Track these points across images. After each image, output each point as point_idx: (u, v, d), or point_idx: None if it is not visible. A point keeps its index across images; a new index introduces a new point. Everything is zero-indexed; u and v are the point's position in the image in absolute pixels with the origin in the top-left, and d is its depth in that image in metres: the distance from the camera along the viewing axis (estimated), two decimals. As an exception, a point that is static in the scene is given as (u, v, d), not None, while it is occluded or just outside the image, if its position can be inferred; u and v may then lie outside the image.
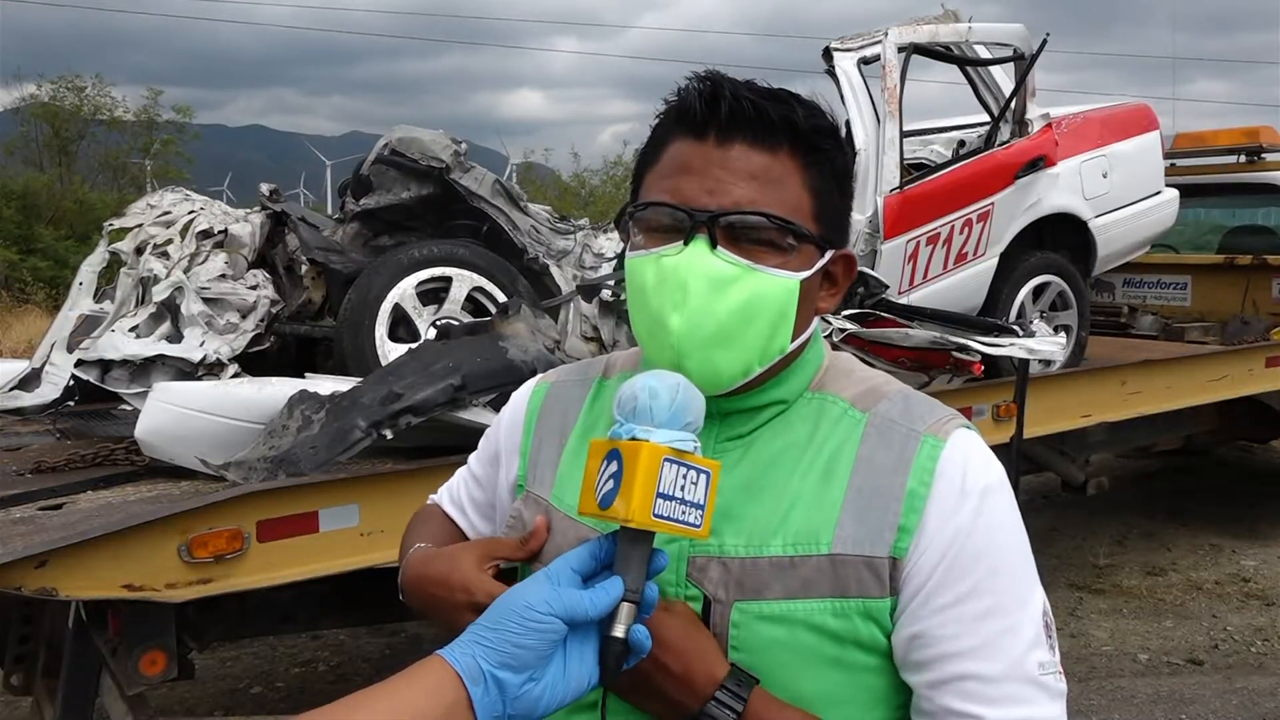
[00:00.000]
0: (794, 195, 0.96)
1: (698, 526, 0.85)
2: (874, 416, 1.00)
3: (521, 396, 1.19)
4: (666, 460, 0.83)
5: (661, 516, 0.83)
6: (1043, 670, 0.94)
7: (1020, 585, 0.96)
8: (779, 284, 0.95)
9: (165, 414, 2.87)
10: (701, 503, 0.85)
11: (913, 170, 4.78)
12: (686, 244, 0.94)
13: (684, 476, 0.84)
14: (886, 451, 0.98)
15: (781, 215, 0.94)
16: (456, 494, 1.26)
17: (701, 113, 0.95)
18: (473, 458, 1.26)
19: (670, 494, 0.83)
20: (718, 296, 0.93)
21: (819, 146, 0.97)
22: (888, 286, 4.14)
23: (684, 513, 0.84)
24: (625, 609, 0.83)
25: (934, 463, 0.96)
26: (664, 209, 0.96)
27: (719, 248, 0.94)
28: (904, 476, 0.96)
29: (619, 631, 0.82)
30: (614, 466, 0.84)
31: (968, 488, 0.95)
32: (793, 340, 0.99)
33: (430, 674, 0.78)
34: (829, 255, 1.00)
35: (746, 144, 0.95)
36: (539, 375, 1.22)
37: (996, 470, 0.98)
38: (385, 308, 3.58)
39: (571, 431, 1.10)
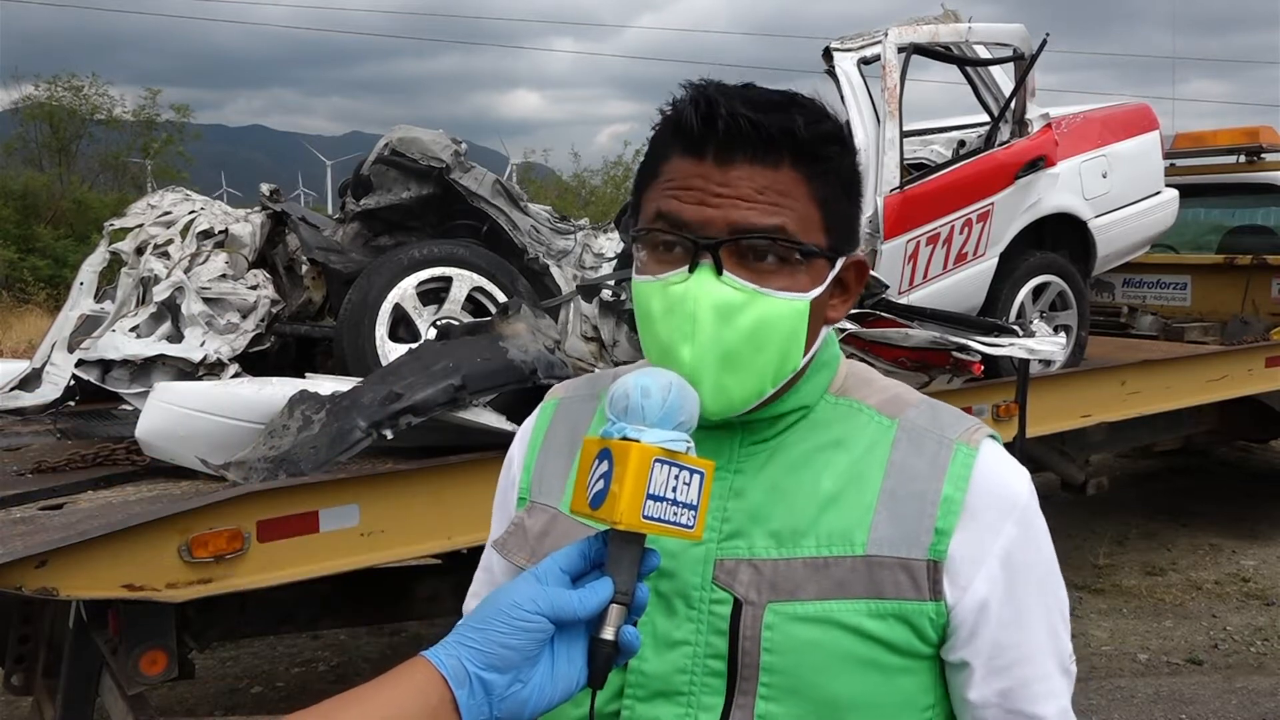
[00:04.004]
0: (801, 209, 0.93)
1: (690, 528, 0.83)
2: (904, 422, 1.01)
3: (529, 421, 1.17)
4: (657, 461, 0.81)
5: (651, 518, 0.81)
6: (1071, 660, 1.03)
7: (1058, 584, 1.02)
8: (788, 307, 0.93)
9: (165, 414, 2.87)
10: (694, 503, 0.83)
11: (913, 170, 4.78)
12: (692, 271, 0.92)
13: (676, 477, 0.82)
14: (919, 457, 0.99)
15: (788, 235, 0.92)
16: (488, 581, 1.16)
17: (698, 130, 0.92)
18: (493, 528, 1.17)
19: (661, 495, 0.82)
20: (726, 324, 0.92)
21: (822, 155, 0.94)
22: (888, 286, 4.15)
23: (676, 514, 0.82)
24: (615, 610, 0.81)
25: (968, 469, 0.98)
26: (661, 234, 0.94)
27: (726, 273, 0.92)
28: (939, 482, 0.97)
29: (608, 634, 0.81)
30: (604, 466, 0.82)
31: (1011, 499, 0.99)
32: (805, 355, 0.98)
33: (415, 676, 0.77)
34: (839, 264, 0.99)
35: (747, 161, 0.92)
36: (547, 394, 1.19)
37: (1027, 477, 1.02)
38: (385, 308, 3.57)
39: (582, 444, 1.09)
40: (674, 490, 0.82)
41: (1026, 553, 0.98)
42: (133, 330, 3.56)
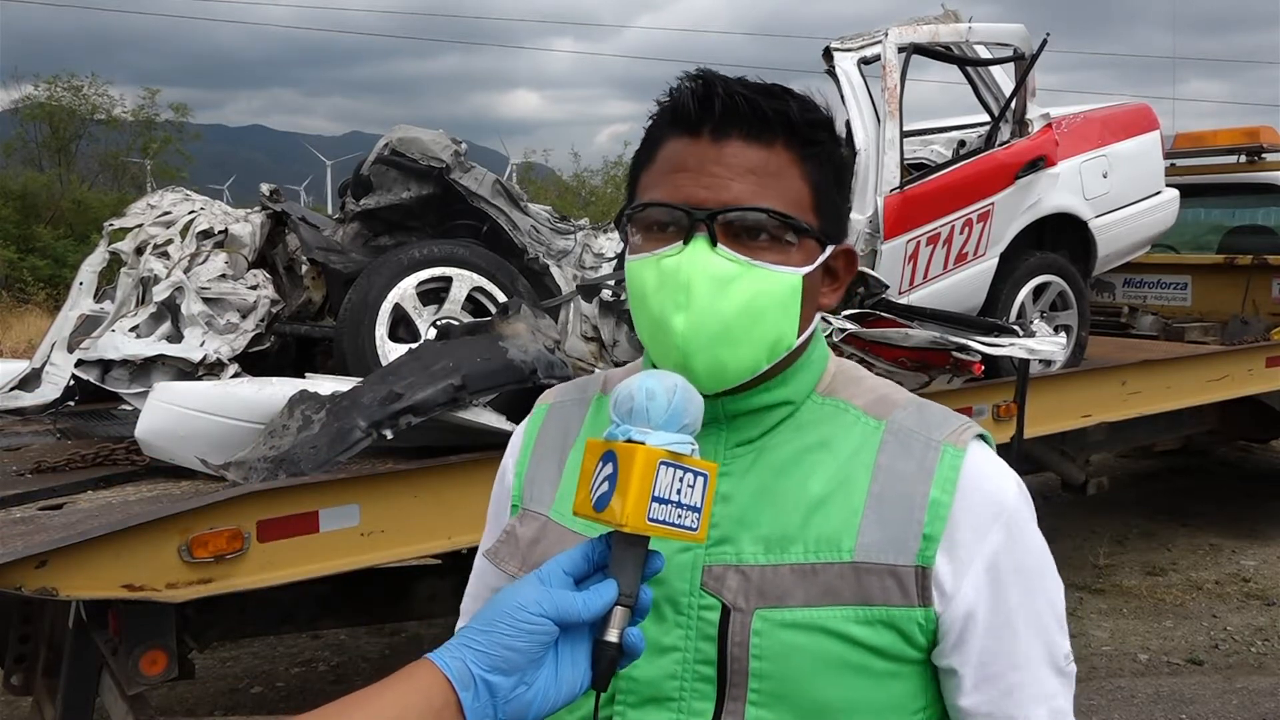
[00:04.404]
0: (793, 189, 0.95)
1: (694, 530, 0.83)
2: (891, 424, 1.00)
3: (521, 427, 1.17)
4: (663, 463, 0.81)
5: (657, 521, 0.81)
6: (1067, 660, 1.01)
7: (1053, 584, 1.01)
8: (782, 280, 0.94)
9: (165, 414, 2.87)
10: (698, 506, 0.83)
11: (913, 170, 4.77)
12: (686, 243, 0.93)
13: (680, 480, 0.82)
14: (906, 460, 0.98)
15: (781, 210, 0.93)
16: (482, 589, 1.17)
17: (695, 111, 0.94)
18: (485, 534, 1.18)
19: (666, 498, 0.81)
20: (721, 295, 0.92)
21: (815, 139, 0.96)
22: (888, 286, 4.14)
23: (680, 516, 0.82)
24: (619, 613, 0.81)
25: (955, 472, 0.97)
26: (662, 208, 0.95)
27: (719, 245, 0.93)
28: (926, 485, 0.96)
29: (612, 636, 0.81)
30: (609, 468, 0.82)
31: (999, 503, 0.97)
32: (799, 335, 0.98)
33: (419, 678, 0.76)
34: (829, 250, 0.99)
35: (742, 139, 0.94)
36: (538, 400, 1.19)
37: (1015, 478, 1.01)
38: (385, 308, 3.58)
39: (572, 448, 1.09)
40: (678, 492, 0.82)
41: (1014, 558, 0.97)
42: (132, 330, 3.57)
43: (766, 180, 0.94)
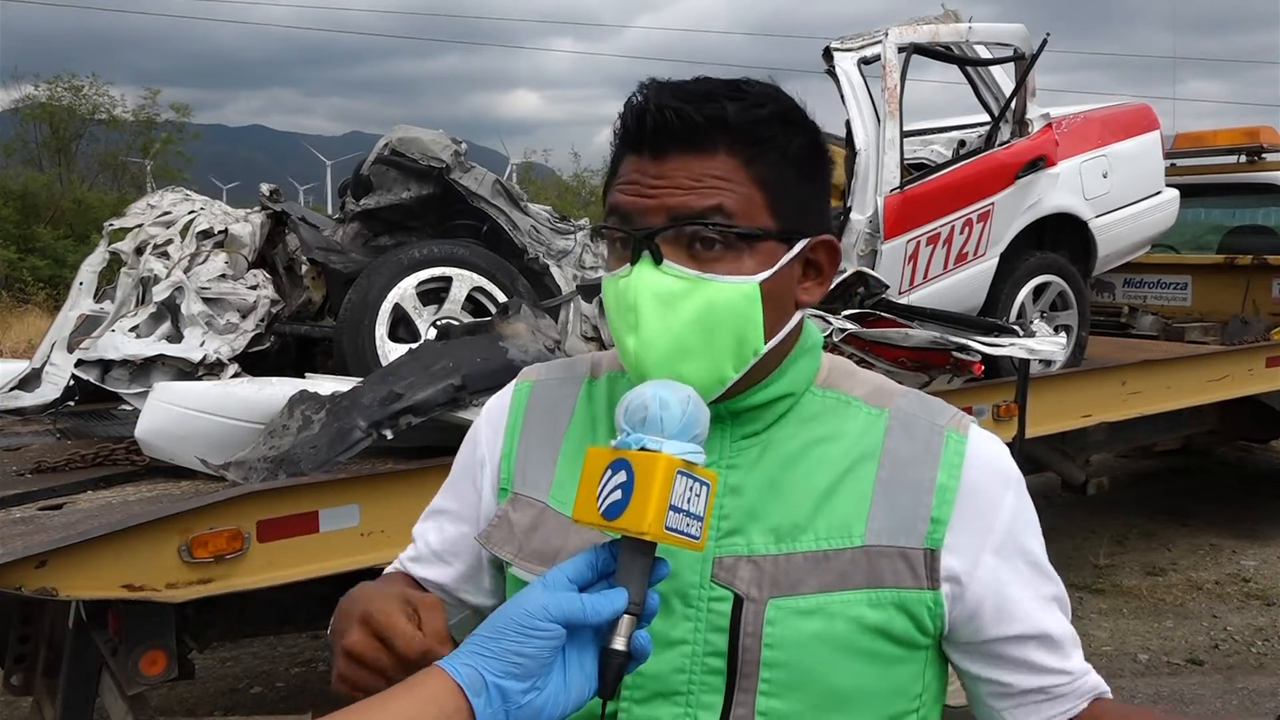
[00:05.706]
0: (742, 192, 0.93)
1: (696, 539, 0.84)
2: (894, 411, 1.02)
3: (501, 400, 1.15)
4: (679, 473, 0.83)
5: (670, 529, 0.82)
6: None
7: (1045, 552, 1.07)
8: (734, 290, 0.93)
9: (165, 414, 2.87)
10: (701, 514, 0.84)
11: (913, 170, 4.78)
12: (634, 263, 0.93)
13: (689, 489, 0.84)
14: (911, 445, 1.00)
15: (725, 218, 0.92)
16: (423, 548, 1.17)
17: (633, 128, 0.94)
18: (440, 497, 1.18)
19: (679, 506, 0.83)
20: (669, 312, 0.92)
21: (760, 137, 0.94)
22: (888, 286, 4.14)
23: (687, 524, 0.83)
24: (625, 620, 0.82)
25: (960, 457, 0.99)
26: (610, 230, 0.96)
27: (666, 261, 0.92)
28: (933, 470, 0.98)
29: (619, 644, 0.81)
30: (622, 477, 0.83)
31: (1005, 475, 1.02)
32: (769, 339, 0.97)
33: (429, 685, 0.77)
34: (801, 245, 0.98)
35: (680, 151, 0.92)
36: (516, 377, 1.17)
37: (1005, 448, 1.05)
38: (385, 308, 3.58)
39: (565, 433, 1.08)
40: (688, 501, 0.83)
41: (1021, 525, 1.02)
42: (132, 330, 3.57)
43: (709, 189, 0.92)
